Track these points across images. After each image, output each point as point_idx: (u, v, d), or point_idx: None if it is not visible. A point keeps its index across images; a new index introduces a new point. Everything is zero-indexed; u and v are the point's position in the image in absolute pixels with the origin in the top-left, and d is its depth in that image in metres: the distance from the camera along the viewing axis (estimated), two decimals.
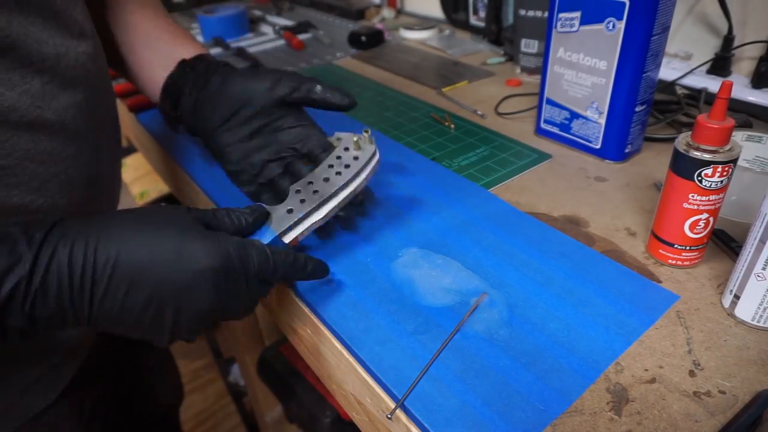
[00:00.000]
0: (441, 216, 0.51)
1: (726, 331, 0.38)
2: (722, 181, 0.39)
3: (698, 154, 0.39)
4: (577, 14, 0.55)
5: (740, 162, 0.49)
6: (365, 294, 0.42)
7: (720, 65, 0.70)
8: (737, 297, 0.38)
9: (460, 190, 0.54)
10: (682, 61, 0.75)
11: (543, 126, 0.65)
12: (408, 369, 0.36)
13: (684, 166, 0.39)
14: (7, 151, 0.37)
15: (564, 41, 0.58)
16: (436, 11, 1.15)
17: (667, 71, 0.72)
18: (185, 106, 0.51)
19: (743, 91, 0.66)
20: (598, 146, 0.59)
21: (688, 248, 0.43)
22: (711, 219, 0.41)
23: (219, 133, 0.49)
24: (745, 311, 0.38)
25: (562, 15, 0.56)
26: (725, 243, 0.45)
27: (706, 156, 0.38)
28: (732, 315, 0.39)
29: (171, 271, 0.32)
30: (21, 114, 0.37)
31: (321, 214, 0.41)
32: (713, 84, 0.68)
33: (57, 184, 0.41)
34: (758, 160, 0.51)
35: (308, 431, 0.94)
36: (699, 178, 0.39)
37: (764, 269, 0.36)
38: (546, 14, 0.70)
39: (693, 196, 0.40)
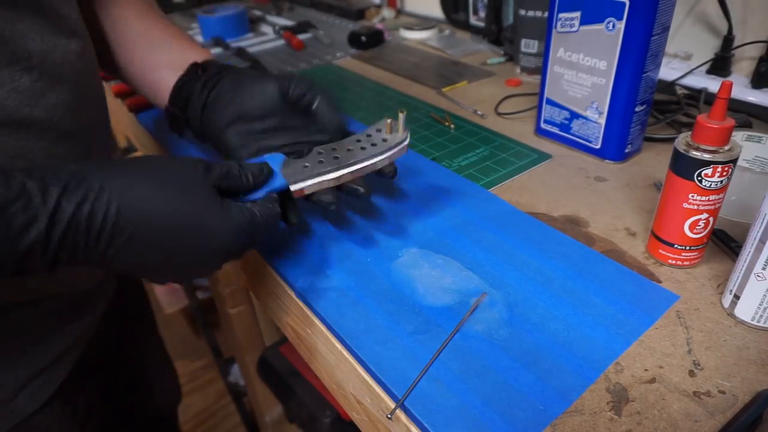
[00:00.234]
0: (441, 216, 0.51)
1: (726, 331, 0.38)
2: (722, 181, 0.39)
3: (698, 154, 0.39)
4: (577, 14, 0.55)
5: (740, 162, 0.49)
6: (365, 294, 0.42)
7: (720, 65, 0.70)
8: (737, 297, 0.38)
9: (460, 190, 0.55)
10: (682, 61, 0.75)
11: (543, 126, 0.65)
12: (408, 369, 0.36)
13: (684, 166, 0.40)
14: None
15: (564, 41, 0.58)
16: (436, 11, 1.15)
17: (667, 71, 0.72)
18: (195, 108, 0.51)
19: (743, 91, 0.66)
20: (598, 146, 0.59)
21: (688, 248, 0.43)
22: (711, 219, 0.41)
23: (229, 134, 0.49)
24: (745, 311, 0.38)
25: (562, 15, 0.56)
26: (725, 243, 0.45)
27: (706, 156, 0.38)
28: (732, 315, 0.39)
29: (186, 245, 0.34)
30: (10, 113, 0.37)
31: (333, 176, 0.43)
32: (713, 84, 0.68)
33: None
34: (758, 160, 0.51)
35: (308, 431, 0.94)
36: (699, 178, 0.39)
37: (764, 269, 0.36)
38: (546, 14, 0.70)
39: (693, 196, 0.40)
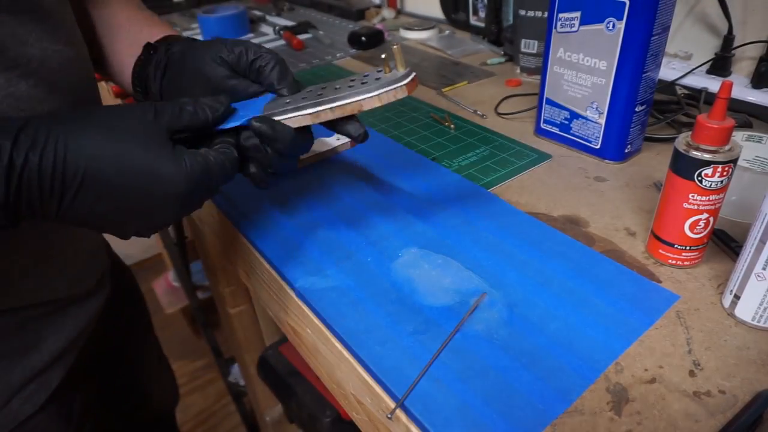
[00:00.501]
0: (441, 216, 0.51)
1: (726, 331, 0.38)
2: (722, 181, 0.39)
3: (698, 154, 0.39)
4: (577, 14, 0.55)
5: (740, 162, 0.49)
6: (365, 294, 0.42)
7: (720, 65, 0.70)
8: (737, 297, 0.38)
9: (460, 191, 0.54)
10: (682, 61, 0.75)
11: (543, 126, 0.65)
12: (408, 369, 0.36)
13: (684, 166, 0.39)
14: None
15: (564, 41, 0.58)
16: (436, 11, 1.15)
17: (667, 71, 0.72)
18: (154, 91, 0.49)
19: (743, 91, 0.66)
20: (598, 146, 0.59)
21: (688, 248, 0.43)
22: (711, 219, 0.41)
23: None
24: (745, 311, 0.38)
25: (562, 15, 0.56)
26: (725, 243, 0.45)
27: (706, 156, 0.38)
28: (732, 315, 0.39)
29: (139, 193, 0.34)
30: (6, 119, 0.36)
31: (310, 111, 0.41)
32: (713, 84, 0.68)
33: None
34: (758, 160, 0.51)
35: (308, 431, 0.94)
36: (699, 178, 0.39)
37: (764, 269, 0.36)
38: (546, 14, 0.70)
39: (693, 196, 0.40)
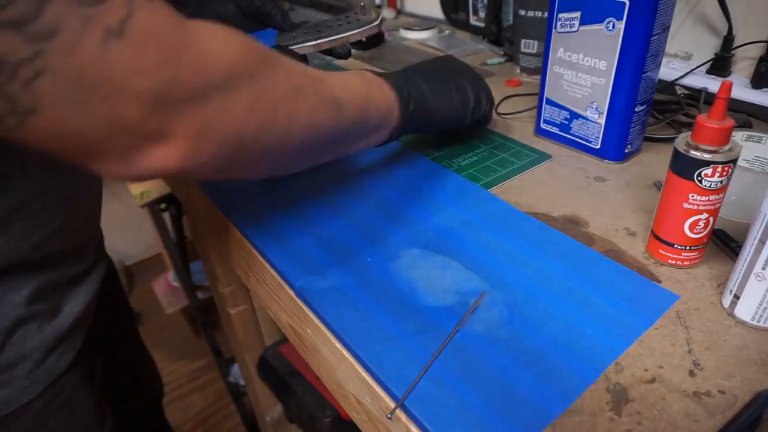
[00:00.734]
0: (441, 216, 0.51)
1: (726, 331, 0.38)
2: (722, 181, 0.39)
3: (698, 154, 0.39)
4: (577, 14, 0.55)
5: (740, 162, 0.49)
6: (365, 294, 0.42)
7: (720, 65, 0.70)
8: (737, 297, 0.38)
9: (460, 190, 0.55)
10: (682, 61, 0.75)
11: (543, 126, 0.65)
12: (408, 369, 0.36)
13: (684, 166, 0.39)
14: None
15: (564, 41, 0.58)
16: (436, 11, 1.15)
17: (667, 71, 0.72)
18: None
19: (743, 91, 0.66)
20: (598, 146, 0.59)
21: (688, 248, 0.43)
22: (711, 219, 0.41)
23: None
24: (745, 311, 0.38)
25: (562, 15, 0.56)
26: (725, 243, 0.45)
27: (706, 156, 0.38)
28: (732, 315, 0.39)
29: None
30: None
31: (314, 42, 0.58)
32: (713, 84, 0.68)
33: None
34: (758, 160, 0.51)
35: (308, 431, 0.94)
36: (699, 178, 0.39)
37: (764, 269, 0.36)
38: (546, 14, 0.70)
39: (693, 196, 0.40)
